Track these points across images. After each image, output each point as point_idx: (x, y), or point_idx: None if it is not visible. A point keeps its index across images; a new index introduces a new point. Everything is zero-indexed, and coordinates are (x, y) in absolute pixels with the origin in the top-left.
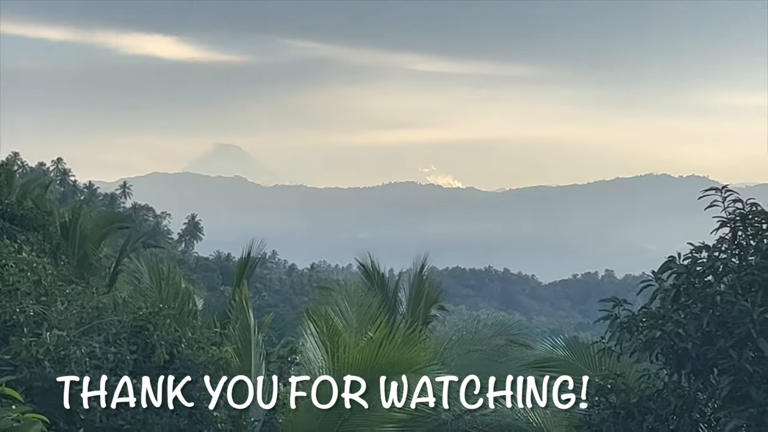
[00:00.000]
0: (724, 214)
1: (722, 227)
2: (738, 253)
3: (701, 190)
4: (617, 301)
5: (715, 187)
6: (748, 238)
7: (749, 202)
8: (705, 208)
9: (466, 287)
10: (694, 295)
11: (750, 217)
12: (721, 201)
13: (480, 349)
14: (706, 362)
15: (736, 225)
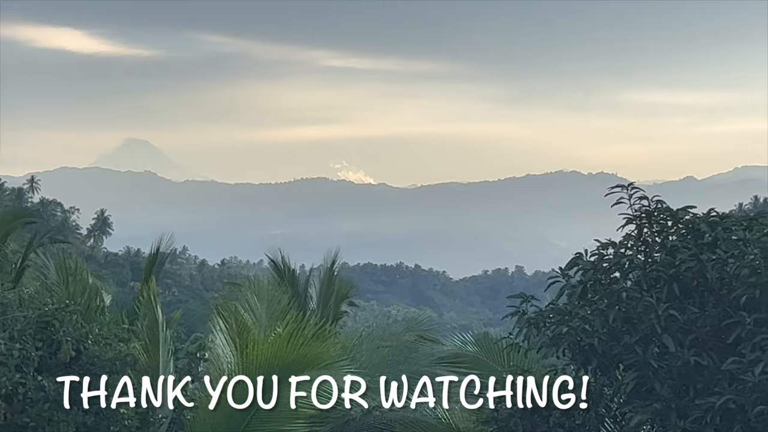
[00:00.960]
0: (631, 212)
1: (628, 224)
2: (644, 249)
3: (608, 188)
4: (525, 297)
5: (622, 185)
6: (653, 234)
7: (655, 200)
8: (611, 205)
9: (377, 283)
10: (601, 291)
11: (656, 214)
12: (628, 198)
13: (390, 345)
14: (612, 358)
15: (641, 222)
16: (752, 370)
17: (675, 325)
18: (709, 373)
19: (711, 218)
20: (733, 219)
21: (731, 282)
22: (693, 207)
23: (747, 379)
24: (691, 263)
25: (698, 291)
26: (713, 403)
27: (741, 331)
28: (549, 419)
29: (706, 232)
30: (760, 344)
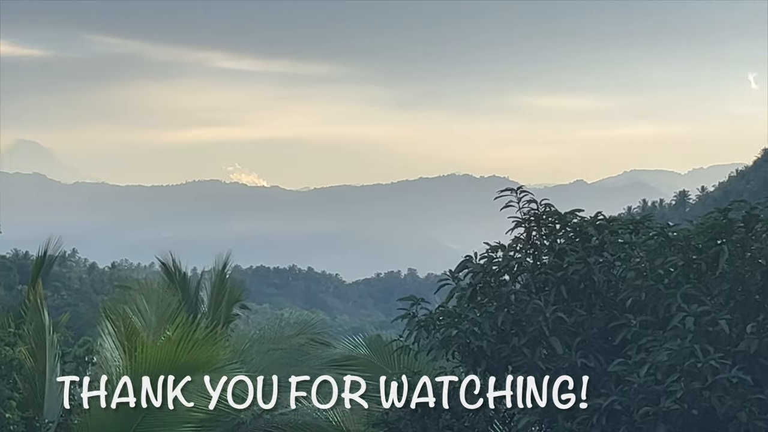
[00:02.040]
0: (520, 215)
1: (517, 227)
2: (532, 252)
3: (497, 191)
4: (415, 300)
5: (511, 188)
6: (542, 237)
7: (543, 203)
8: (501, 208)
9: (269, 286)
10: (490, 293)
11: (544, 218)
12: (517, 202)
13: (281, 348)
14: (501, 360)
15: (530, 225)
16: (638, 372)
17: (563, 328)
18: (596, 374)
19: (598, 222)
20: (620, 222)
21: (618, 285)
22: (581, 210)
23: (632, 380)
24: (579, 266)
25: (585, 293)
26: (599, 404)
27: (627, 333)
28: (438, 421)
29: (594, 236)
30: (646, 346)
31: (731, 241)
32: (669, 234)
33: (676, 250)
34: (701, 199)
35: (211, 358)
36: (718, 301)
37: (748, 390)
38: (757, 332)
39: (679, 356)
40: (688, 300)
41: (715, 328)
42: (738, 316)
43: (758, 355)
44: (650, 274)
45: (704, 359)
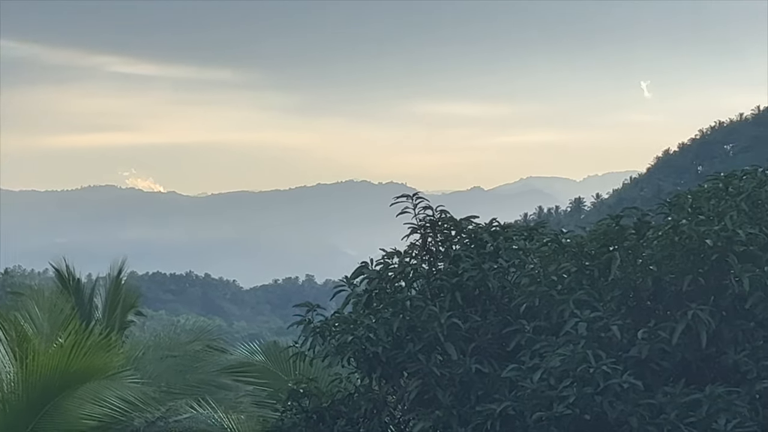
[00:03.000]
0: (416, 221)
1: (413, 233)
2: (428, 258)
3: (393, 197)
4: (311, 306)
5: (407, 195)
6: (437, 244)
7: (439, 209)
8: (397, 215)
9: (166, 292)
10: (386, 300)
11: (440, 224)
12: (413, 208)
13: (177, 355)
14: (396, 366)
15: (426, 231)
16: (531, 377)
17: (457, 334)
18: (490, 380)
19: (493, 228)
20: (514, 229)
21: (512, 291)
22: (476, 217)
23: (526, 385)
24: (474, 272)
25: (480, 300)
26: (493, 409)
27: (521, 338)
28: (334, 428)
29: (489, 242)
30: (539, 351)
31: (623, 247)
32: (562, 241)
33: (570, 257)
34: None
35: (105, 365)
36: (610, 307)
37: (639, 395)
38: (648, 338)
39: (572, 361)
40: (581, 306)
41: (607, 334)
42: (629, 322)
43: (649, 361)
44: (544, 280)
45: (596, 364)
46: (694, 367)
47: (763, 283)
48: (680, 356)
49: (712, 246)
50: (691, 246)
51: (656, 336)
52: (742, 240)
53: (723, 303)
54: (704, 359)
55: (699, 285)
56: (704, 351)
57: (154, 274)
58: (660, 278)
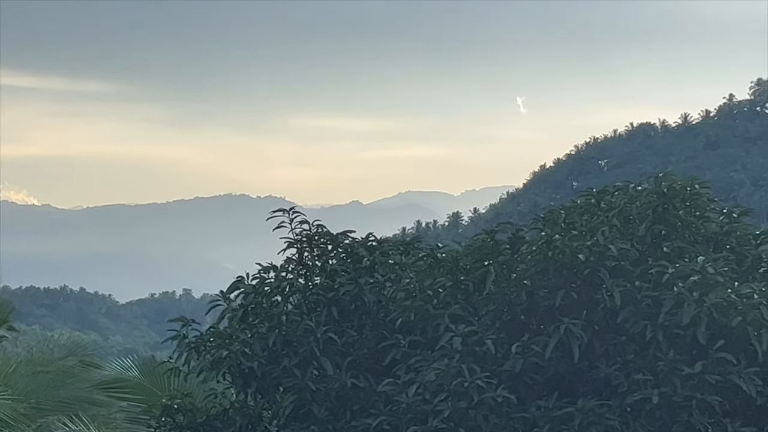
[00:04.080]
0: (292, 235)
1: (290, 248)
2: (304, 273)
3: (270, 211)
4: (186, 321)
5: (283, 209)
6: (314, 258)
7: (316, 224)
8: (273, 229)
9: (40, 307)
10: (262, 314)
11: (316, 238)
12: (289, 222)
13: (49, 370)
14: (272, 381)
15: (302, 246)
16: (406, 392)
17: (333, 348)
18: (366, 395)
19: (369, 243)
20: (391, 244)
21: (388, 305)
22: (352, 231)
23: (401, 400)
24: (350, 287)
25: (356, 314)
26: (369, 424)
27: (396, 353)
28: None
29: (365, 256)
30: (415, 366)
31: (498, 262)
32: (438, 255)
33: (445, 271)
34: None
35: None
36: (485, 322)
37: (512, 408)
38: (522, 352)
39: (447, 376)
40: (456, 320)
41: (482, 348)
42: (504, 336)
43: (523, 374)
44: (419, 295)
45: (471, 378)
46: (566, 381)
47: (634, 298)
48: (553, 370)
49: (585, 261)
50: (564, 261)
51: (530, 350)
52: (613, 255)
53: (595, 317)
54: (577, 373)
55: (572, 299)
56: (577, 365)
57: (28, 289)
58: (534, 293)
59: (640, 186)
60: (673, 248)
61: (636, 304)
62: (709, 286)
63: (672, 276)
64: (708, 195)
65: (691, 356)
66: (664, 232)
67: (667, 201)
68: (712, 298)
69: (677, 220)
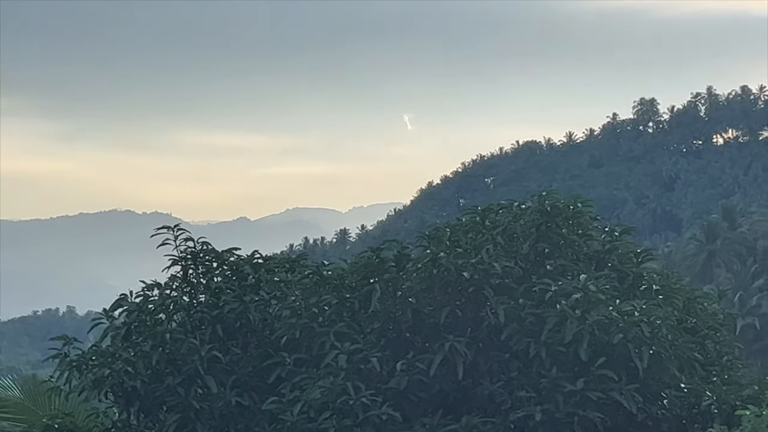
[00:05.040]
0: (177, 252)
1: (174, 265)
2: (189, 290)
3: (154, 228)
4: (67, 339)
5: (168, 226)
6: (198, 276)
7: (200, 241)
8: (157, 246)
9: None
10: (145, 332)
11: (201, 256)
12: (174, 239)
13: None
14: (155, 400)
15: (187, 263)
16: (291, 410)
17: (218, 366)
18: (250, 413)
19: (254, 260)
20: (276, 261)
21: (273, 323)
22: (238, 249)
23: (286, 418)
24: (235, 304)
25: (241, 332)
26: None
27: (281, 371)
28: None
29: (250, 274)
30: (300, 384)
31: (383, 279)
32: (324, 273)
33: (331, 289)
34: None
35: None
36: (371, 339)
37: (397, 426)
38: (406, 369)
39: (332, 394)
40: (341, 338)
41: (367, 366)
42: (389, 354)
43: (408, 392)
44: (305, 313)
45: (356, 396)
46: (451, 398)
47: (518, 315)
48: (438, 387)
49: (469, 278)
50: (448, 278)
51: (415, 368)
52: (497, 273)
53: (479, 334)
54: (461, 390)
55: (456, 317)
56: (461, 382)
57: None
58: (419, 310)
59: (524, 204)
60: (556, 266)
61: (520, 322)
62: (591, 303)
63: (555, 294)
64: (590, 213)
65: (573, 373)
66: (547, 250)
67: (551, 219)
68: (593, 315)
69: (560, 238)
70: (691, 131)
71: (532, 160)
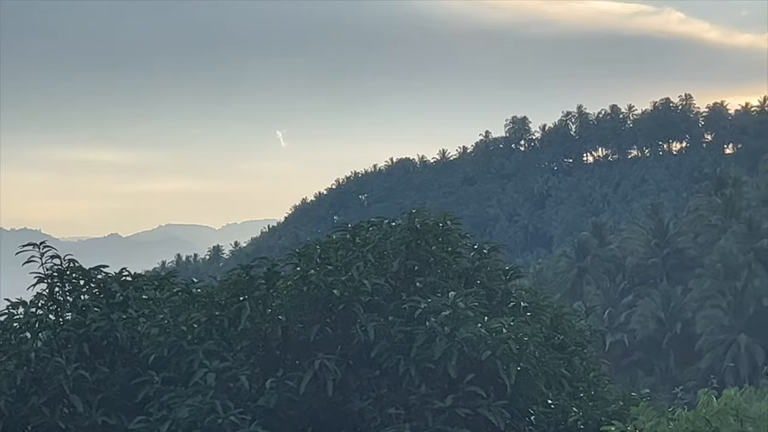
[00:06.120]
0: (43, 270)
1: (40, 282)
2: (55, 309)
3: (20, 245)
4: None
5: (34, 243)
6: (65, 294)
7: (67, 258)
8: (23, 263)
9: None
10: (9, 351)
11: (68, 273)
12: (40, 257)
13: None
14: (20, 420)
15: (53, 281)
16: (159, 429)
17: (84, 386)
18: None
19: (123, 278)
20: (145, 279)
21: (141, 341)
22: (106, 266)
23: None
24: (102, 322)
25: (109, 350)
26: None
27: (149, 390)
28: None
29: (118, 292)
30: (168, 403)
31: (253, 297)
32: (193, 290)
33: (200, 306)
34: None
35: None
36: (240, 357)
37: None
38: (276, 387)
39: (200, 412)
40: (210, 356)
41: (236, 384)
42: (259, 372)
43: (277, 410)
44: (173, 331)
45: (224, 415)
46: (321, 416)
47: (388, 333)
48: (308, 405)
49: (339, 296)
50: (319, 296)
51: (284, 385)
52: (367, 290)
53: (349, 352)
54: (331, 408)
55: (326, 334)
56: (331, 399)
57: None
58: (289, 328)
59: (394, 222)
60: (426, 283)
61: (389, 339)
62: (460, 320)
63: (424, 311)
64: (459, 231)
65: (442, 390)
66: (417, 267)
67: (420, 237)
68: (462, 332)
69: (430, 256)
70: (562, 149)
71: (405, 177)
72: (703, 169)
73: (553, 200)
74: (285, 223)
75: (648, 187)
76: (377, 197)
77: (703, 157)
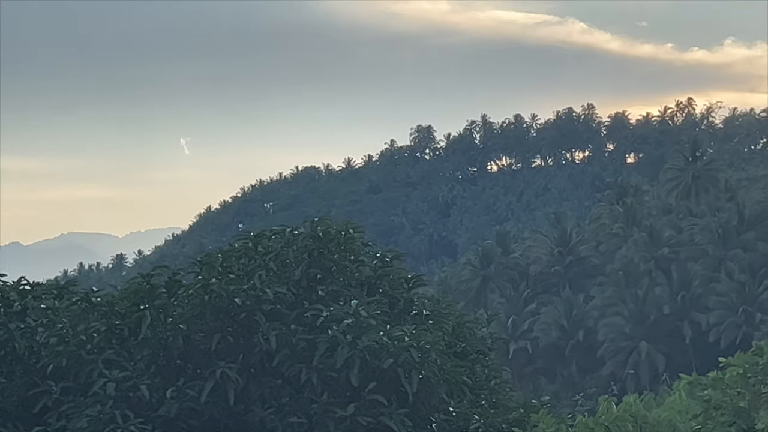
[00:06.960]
0: None
1: None
2: None
3: None
4: None
5: None
6: None
7: None
8: None
9: None
10: None
11: None
12: None
13: None
14: None
15: None
16: None
17: None
18: None
19: (21, 287)
20: (44, 288)
21: (40, 351)
22: (4, 275)
23: None
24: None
25: (6, 360)
26: None
27: (47, 400)
28: None
29: (16, 301)
30: (66, 413)
31: (154, 306)
32: (93, 299)
33: (100, 316)
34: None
35: None
36: (140, 366)
37: None
38: (177, 396)
39: (99, 423)
40: (110, 365)
41: (136, 394)
42: (159, 381)
43: (178, 420)
44: (72, 340)
45: (124, 425)
46: (222, 425)
47: (290, 341)
48: (209, 414)
49: (241, 305)
50: (220, 304)
51: (185, 395)
52: (269, 299)
53: (251, 361)
54: (233, 417)
55: (228, 343)
56: (232, 409)
57: None
58: (190, 336)
59: (297, 230)
60: (328, 292)
61: (291, 347)
62: (362, 329)
63: (327, 319)
64: (362, 239)
65: (344, 398)
66: (319, 275)
67: (323, 245)
68: (364, 340)
69: (332, 264)
70: (466, 158)
71: (311, 186)
72: (605, 178)
73: (457, 209)
74: (189, 231)
75: (551, 195)
76: (282, 205)
77: (605, 167)
